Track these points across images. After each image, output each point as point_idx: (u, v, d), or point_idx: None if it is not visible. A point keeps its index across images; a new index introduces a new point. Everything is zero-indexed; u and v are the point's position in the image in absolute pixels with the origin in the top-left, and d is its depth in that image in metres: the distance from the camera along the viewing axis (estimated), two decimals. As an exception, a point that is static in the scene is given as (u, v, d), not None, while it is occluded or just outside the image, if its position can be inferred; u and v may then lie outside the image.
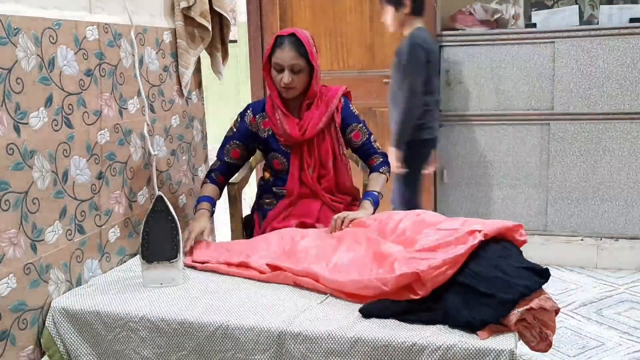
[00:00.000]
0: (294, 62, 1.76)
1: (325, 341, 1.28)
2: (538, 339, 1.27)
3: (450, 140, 2.88)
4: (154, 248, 1.55)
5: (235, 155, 1.93)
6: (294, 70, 1.77)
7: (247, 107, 1.94)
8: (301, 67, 1.78)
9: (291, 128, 1.82)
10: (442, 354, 1.21)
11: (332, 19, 2.87)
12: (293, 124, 1.83)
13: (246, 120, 1.91)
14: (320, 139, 1.87)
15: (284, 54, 1.76)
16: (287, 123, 1.83)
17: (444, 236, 1.44)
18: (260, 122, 1.89)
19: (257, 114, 1.90)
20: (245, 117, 1.92)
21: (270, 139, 1.89)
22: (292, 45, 1.77)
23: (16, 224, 1.39)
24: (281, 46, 1.77)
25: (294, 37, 1.78)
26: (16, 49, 1.38)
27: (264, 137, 1.90)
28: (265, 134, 1.89)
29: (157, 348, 1.41)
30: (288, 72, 1.77)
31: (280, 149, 1.88)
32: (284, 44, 1.77)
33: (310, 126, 1.83)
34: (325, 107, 1.86)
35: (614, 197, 2.73)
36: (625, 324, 2.19)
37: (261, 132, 1.90)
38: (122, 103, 1.79)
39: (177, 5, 2.03)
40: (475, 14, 2.80)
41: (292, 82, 1.78)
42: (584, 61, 2.66)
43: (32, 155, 1.43)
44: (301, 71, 1.78)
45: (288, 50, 1.76)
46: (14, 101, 1.38)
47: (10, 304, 1.38)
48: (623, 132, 2.68)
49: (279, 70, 1.79)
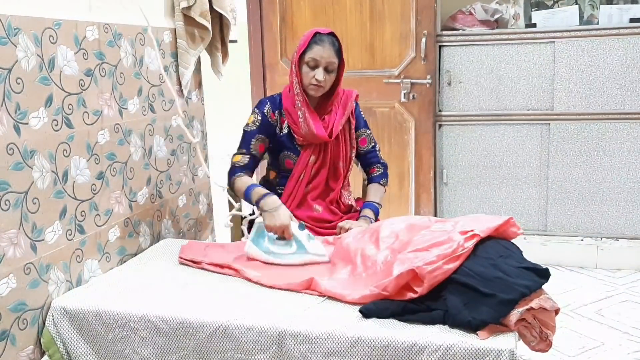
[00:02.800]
0: (332, 61, 1.74)
1: (325, 341, 1.28)
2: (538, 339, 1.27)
3: (450, 140, 2.88)
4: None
5: (261, 150, 1.85)
6: (328, 69, 1.75)
7: (264, 102, 1.87)
8: (335, 66, 1.77)
9: (317, 128, 1.79)
10: (442, 353, 1.21)
11: (332, 19, 2.87)
12: (319, 124, 1.80)
13: (266, 113, 1.84)
14: (335, 141, 1.86)
15: (324, 52, 1.73)
16: (314, 123, 1.79)
17: (436, 237, 1.44)
18: (279, 119, 1.85)
19: (275, 110, 1.85)
20: (264, 111, 1.84)
21: (285, 137, 1.85)
22: (331, 44, 1.75)
23: (16, 223, 1.39)
24: (321, 43, 1.74)
25: (334, 36, 1.78)
26: (16, 48, 1.38)
27: (280, 134, 1.85)
28: (282, 131, 1.85)
29: (157, 348, 1.41)
30: (322, 69, 1.74)
31: (295, 148, 1.85)
32: (324, 41, 1.74)
33: (335, 126, 1.83)
34: (343, 109, 1.85)
35: (614, 197, 2.73)
36: (626, 324, 2.19)
37: (279, 129, 1.85)
38: (122, 103, 1.79)
39: (177, 5, 2.03)
40: (475, 14, 2.80)
41: (324, 81, 1.76)
42: (584, 61, 2.66)
43: (32, 155, 1.43)
44: (334, 71, 1.77)
45: (328, 48, 1.74)
46: (14, 101, 1.38)
47: (10, 304, 1.38)
48: (623, 132, 2.67)
49: (313, 66, 1.75)
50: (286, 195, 1.86)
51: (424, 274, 1.30)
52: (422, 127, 2.86)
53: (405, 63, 2.82)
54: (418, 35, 2.76)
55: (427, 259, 1.33)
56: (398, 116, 2.89)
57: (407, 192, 2.93)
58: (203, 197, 2.34)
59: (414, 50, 2.79)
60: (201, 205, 2.32)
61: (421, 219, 1.63)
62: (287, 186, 1.87)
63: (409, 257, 1.39)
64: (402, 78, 2.81)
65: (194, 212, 2.26)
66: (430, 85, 2.79)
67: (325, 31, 1.78)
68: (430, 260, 1.32)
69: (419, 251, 1.40)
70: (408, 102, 2.84)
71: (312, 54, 1.74)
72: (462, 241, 1.37)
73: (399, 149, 2.91)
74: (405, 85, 2.81)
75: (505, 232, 1.49)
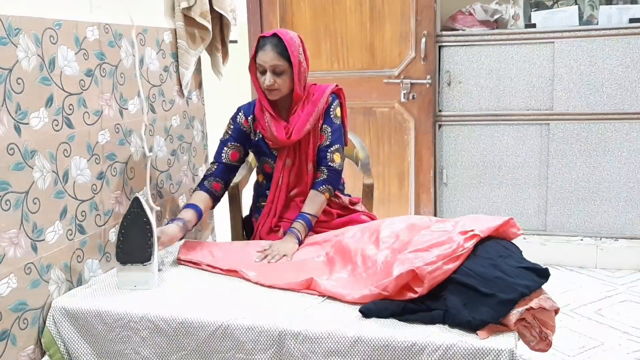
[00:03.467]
0: (275, 64, 1.73)
1: (325, 341, 1.28)
2: (538, 339, 1.28)
3: (450, 140, 2.89)
4: (128, 250, 1.52)
5: (234, 157, 1.87)
6: (275, 71, 1.74)
7: (238, 110, 1.90)
8: (283, 68, 1.74)
9: (278, 131, 1.79)
10: (442, 353, 1.21)
11: (332, 19, 2.87)
12: (280, 127, 1.80)
13: (239, 122, 1.87)
14: (306, 141, 1.83)
15: (265, 55, 1.73)
16: (274, 126, 1.79)
17: (437, 237, 1.44)
18: (252, 124, 1.87)
19: (248, 116, 1.87)
20: (237, 119, 1.88)
21: (260, 143, 1.87)
22: (273, 46, 1.73)
23: (17, 223, 1.39)
24: (263, 47, 1.74)
25: (276, 37, 1.74)
26: (17, 49, 1.38)
27: (255, 140, 1.87)
28: (257, 137, 1.87)
29: (158, 348, 1.41)
30: (270, 73, 1.73)
31: (271, 152, 1.86)
32: (265, 45, 1.74)
33: (296, 128, 1.79)
34: (312, 107, 1.81)
35: (614, 197, 2.73)
36: (625, 323, 2.19)
37: (253, 135, 1.88)
38: (122, 103, 1.79)
39: (177, 6, 2.03)
40: (475, 14, 2.80)
41: (275, 84, 1.74)
42: (583, 61, 2.66)
43: (32, 155, 1.43)
44: (284, 72, 1.74)
45: (269, 52, 1.73)
46: (14, 101, 1.38)
47: (10, 304, 1.38)
48: (622, 132, 2.68)
49: (262, 71, 1.76)
50: (269, 201, 1.87)
51: (424, 274, 1.31)
52: (422, 127, 2.86)
53: (405, 63, 2.82)
54: (418, 35, 2.76)
55: (427, 259, 1.33)
56: (398, 116, 2.89)
57: (407, 192, 2.94)
58: (203, 197, 2.34)
59: (413, 50, 2.79)
60: (201, 205, 2.32)
61: (421, 218, 1.63)
62: (270, 191, 1.88)
63: (409, 257, 1.39)
64: (402, 78, 2.82)
65: (194, 212, 2.26)
66: (430, 86, 2.79)
67: (269, 33, 1.77)
68: (430, 261, 1.32)
69: (419, 251, 1.40)
70: (408, 102, 2.84)
71: (257, 60, 1.76)
72: (462, 241, 1.38)
73: (399, 149, 2.91)
74: (405, 85, 2.81)
75: (505, 232, 1.49)
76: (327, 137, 1.84)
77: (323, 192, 1.82)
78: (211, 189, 1.83)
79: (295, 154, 1.84)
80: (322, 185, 1.82)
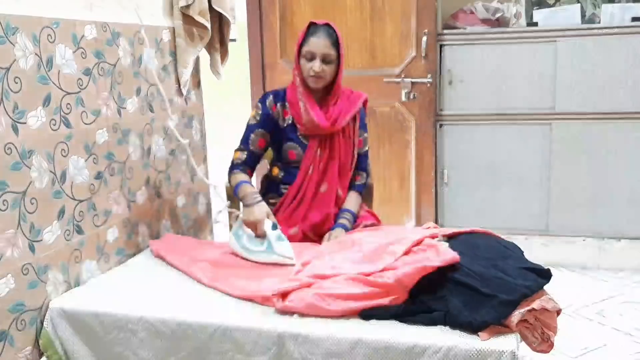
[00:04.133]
0: (327, 52, 1.73)
1: (325, 342, 1.27)
2: (540, 340, 1.27)
3: (451, 140, 2.87)
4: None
5: (261, 145, 1.85)
6: (325, 60, 1.74)
7: (268, 94, 1.87)
8: (332, 57, 1.75)
9: (318, 116, 1.78)
10: (443, 355, 1.20)
11: (332, 18, 2.84)
12: (320, 112, 1.79)
13: (267, 106, 1.84)
14: (341, 136, 1.84)
15: (318, 43, 1.73)
16: (313, 110, 1.78)
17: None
18: (281, 111, 1.84)
19: (278, 102, 1.84)
20: (266, 103, 1.84)
21: (288, 128, 1.84)
22: (327, 35, 1.74)
23: (14, 224, 1.38)
24: (316, 34, 1.74)
25: (329, 26, 1.77)
26: (14, 48, 1.37)
27: (283, 126, 1.85)
28: (285, 122, 1.84)
29: (156, 349, 1.40)
30: (319, 61, 1.74)
31: (298, 138, 1.83)
32: (319, 32, 1.74)
33: (340, 117, 1.81)
34: (350, 106, 1.84)
35: (616, 197, 2.72)
36: (628, 325, 2.18)
37: (281, 121, 1.85)
38: (120, 102, 1.78)
39: (176, 4, 2.02)
40: (477, 12, 2.79)
41: (322, 72, 1.74)
42: (585, 60, 2.65)
43: (30, 155, 1.42)
44: (332, 62, 1.75)
45: (323, 39, 1.73)
46: (12, 100, 1.37)
47: (8, 305, 1.37)
48: (625, 132, 2.66)
49: (310, 58, 1.75)
50: (296, 186, 1.83)
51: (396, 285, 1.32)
52: (423, 127, 2.85)
53: (405, 62, 2.80)
54: (419, 34, 2.75)
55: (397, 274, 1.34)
56: (399, 116, 2.88)
57: (408, 192, 2.92)
58: (202, 197, 2.33)
59: (414, 49, 2.78)
60: (200, 206, 2.31)
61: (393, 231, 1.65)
62: (296, 183, 1.83)
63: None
64: (403, 77, 2.80)
65: (193, 212, 2.25)
66: (431, 85, 2.78)
67: (321, 22, 1.78)
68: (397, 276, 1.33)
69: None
70: (409, 102, 2.83)
71: (307, 47, 1.75)
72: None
73: (400, 149, 2.90)
74: (405, 84, 2.80)
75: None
76: (365, 143, 1.94)
77: (362, 194, 1.92)
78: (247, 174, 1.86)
79: (327, 148, 1.83)
80: (362, 188, 1.93)
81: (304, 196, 1.83)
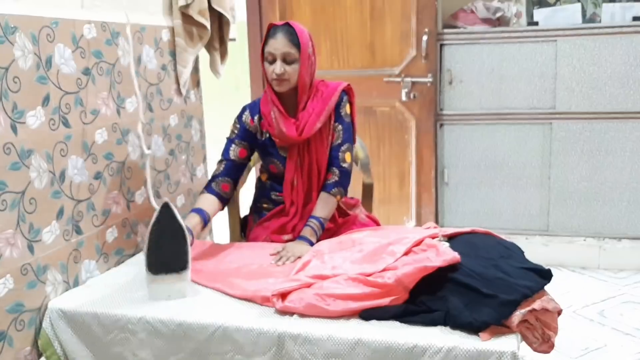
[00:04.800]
0: (287, 51, 1.67)
1: (325, 343, 1.27)
2: (540, 340, 1.26)
3: (451, 140, 2.87)
4: (160, 259, 1.44)
5: (242, 155, 1.80)
6: (286, 60, 1.68)
7: (244, 109, 1.84)
8: (294, 57, 1.69)
9: (288, 128, 1.73)
10: (443, 355, 1.20)
11: (332, 18, 2.85)
12: (290, 123, 1.73)
13: (244, 121, 1.81)
14: (317, 139, 1.77)
15: (276, 43, 1.68)
16: (283, 122, 1.73)
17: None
18: (259, 124, 1.81)
19: (255, 115, 1.81)
20: (242, 118, 1.82)
21: (267, 142, 1.82)
22: (285, 34, 1.68)
23: (13, 224, 1.37)
24: (274, 35, 1.69)
25: (288, 26, 1.70)
26: (13, 47, 1.37)
27: (262, 140, 1.82)
28: (263, 136, 1.82)
29: (156, 350, 1.39)
30: (280, 62, 1.68)
31: (277, 152, 1.81)
32: (277, 33, 1.69)
33: (308, 125, 1.73)
34: (323, 104, 1.75)
35: (617, 197, 2.71)
36: (628, 325, 2.17)
37: (259, 134, 1.82)
38: (120, 102, 1.77)
39: (175, 4, 2.01)
40: (477, 12, 2.78)
41: (285, 74, 1.68)
42: (586, 60, 2.64)
43: (29, 155, 1.42)
44: (294, 62, 1.69)
45: (281, 39, 1.68)
46: (11, 100, 1.36)
47: (7, 305, 1.37)
48: (626, 132, 2.66)
49: (271, 61, 1.70)
50: (288, 204, 1.81)
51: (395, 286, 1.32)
52: (423, 127, 2.84)
53: (406, 62, 2.80)
54: (419, 33, 2.74)
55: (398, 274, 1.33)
56: (399, 115, 2.87)
57: (408, 192, 2.92)
58: (202, 197, 2.32)
59: (414, 48, 2.77)
60: (200, 205, 2.31)
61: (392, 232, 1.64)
62: (285, 195, 1.82)
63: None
64: (403, 77, 2.80)
65: (194, 212, 2.25)
66: (431, 84, 2.77)
67: (280, 23, 1.73)
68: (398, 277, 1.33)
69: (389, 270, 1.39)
70: (409, 101, 2.82)
71: (268, 48, 1.70)
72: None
73: (400, 149, 2.89)
74: (406, 84, 2.79)
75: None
76: (339, 136, 1.80)
77: (335, 194, 1.77)
78: (219, 192, 1.76)
79: (305, 154, 1.78)
80: (333, 188, 1.77)
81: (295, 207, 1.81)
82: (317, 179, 1.81)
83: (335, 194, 1.77)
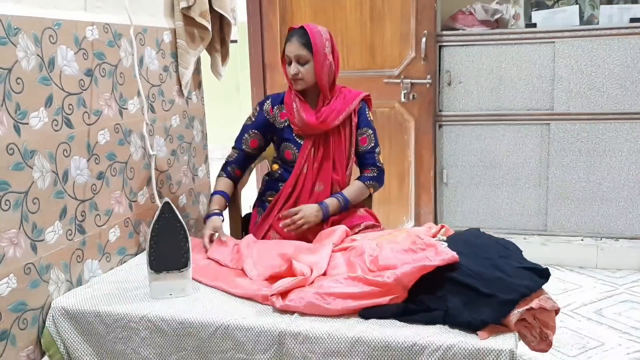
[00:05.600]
0: (298, 53, 1.80)
1: (325, 341, 1.28)
2: (538, 339, 1.28)
3: (450, 140, 2.88)
4: (162, 257, 1.48)
5: (253, 145, 1.94)
6: (300, 61, 1.81)
7: (267, 98, 1.97)
8: (307, 58, 1.81)
9: (308, 114, 1.84)
10: (442, 354, 1.21)
11: (332, 19, 2.87)
12: (310, 112, 1.86)
13: (264, 109, 1.93)
14: (335, 135, 1.88)
15: (290, 46, 1.82)
16: (304, 110, 1.85)
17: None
18: (278, 114, 1.92)
19: (275, 105, 1.93)
20: (263, 106, 1.94)
21: (285, 129, 1.91)
22: (298, 37, 1.81)
23: (16, 224, 1.39)
24: (290, 39, 1.83)
25: (302, 29, 1.82)
26: (16, 48, 1.38)
27: (280, 127, 1.92)
28: (282, 124, 1.92)
29: (158, 348, 1.41)
30: (295, 63, 1.82)
31: (294, 138, 1.90)
32: (292, 37, 1.82)
33: (328, 117, 1.84)
34: (344, 105, 1.88)
35: (614, 197, 2.73)
36: (626, 324, 2.19)
37: (278, 123, 1.92)
38: (122, 103, 1.78)
39: (176, 5, 2.02)
40: (476, 13, 2.80)
41: (299, 74, 1.81)
42: (584, 61, 2.66)
43: (32, 155, 1.43)
44: (308, 62, 1.81)
45: (295, 42, 1.81)
46: (14, 101, 1.38)
47: (10, 304, 1.38)
48: (623, 132, 2.67)
49: (289, 62, 1.84)
50: (288, 186, 1.88)
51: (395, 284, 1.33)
52: (422, 127, 2.86)
53: (405, 63, 2.81)
54: (418, 35, 2.76)
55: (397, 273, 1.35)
56: (398, 116, 2.89)
57: (407, 192, 2.93)
58: (203, 197, 2.34)
59: (414, 50, 2.79)
60: (201, 206, 2.32)
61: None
62: (290, 177, 1.89)
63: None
64: (402, 78, 2.81)
65: (194, 212, 2.26)
66: (430, 85, 2.79)
67: (297, 27, 1.85)
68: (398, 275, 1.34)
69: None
70: (408, 102, 2.84)
71: (286, 52, 1.84)
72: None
73: (399, 149, 2.91)
74: (405, 85, 2.81)
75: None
76: (371, 140, 1.95)
77: (369, 186, 1.93)
78: (233, 175, 1.95)
79: (321, 146, 1.88)
80: (370, 181, 1.93)
81: (299, 195, 1.88)
82: (328, 174, 1.89)
83: (369, 186, 1.93)
